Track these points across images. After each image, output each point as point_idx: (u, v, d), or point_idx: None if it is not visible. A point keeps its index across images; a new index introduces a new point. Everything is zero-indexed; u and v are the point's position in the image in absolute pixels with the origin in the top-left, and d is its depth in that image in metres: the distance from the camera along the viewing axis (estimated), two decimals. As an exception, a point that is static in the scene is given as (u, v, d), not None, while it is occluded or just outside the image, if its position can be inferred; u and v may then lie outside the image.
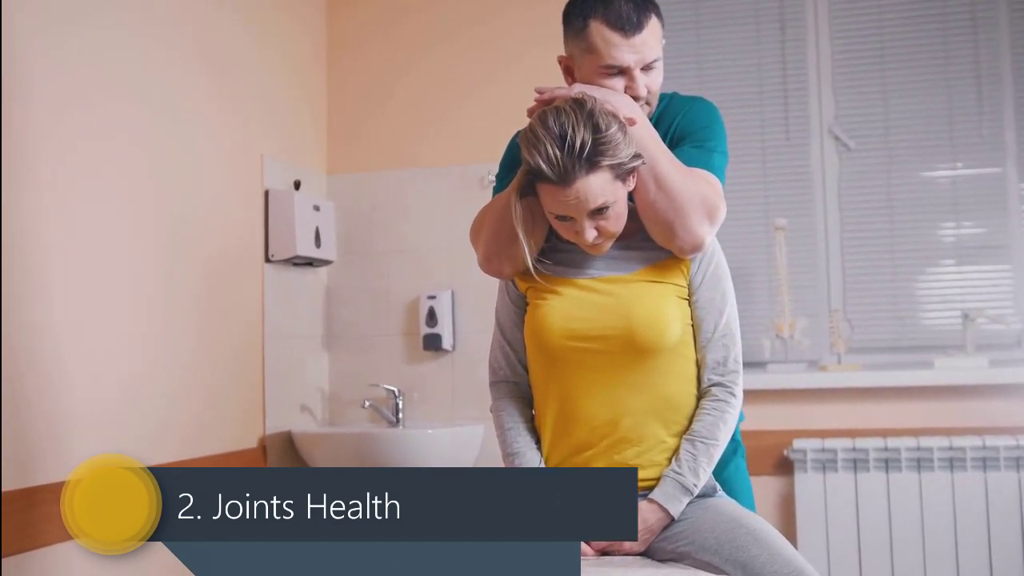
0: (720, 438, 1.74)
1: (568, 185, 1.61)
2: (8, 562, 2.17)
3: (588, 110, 1.61)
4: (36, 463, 2.27)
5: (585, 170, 1.60)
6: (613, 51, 1.73)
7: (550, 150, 1.59)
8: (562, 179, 1.61)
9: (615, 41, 1.73)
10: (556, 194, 1.63)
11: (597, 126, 1.60)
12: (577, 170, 1.60)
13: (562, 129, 1.59)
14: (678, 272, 1.76)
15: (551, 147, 1.59)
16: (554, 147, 1.59)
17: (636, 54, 1.74)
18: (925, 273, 3.28)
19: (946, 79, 3.28)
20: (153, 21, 2.71)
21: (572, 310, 1.73)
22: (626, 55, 1.73)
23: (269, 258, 3.19)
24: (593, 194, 1.61)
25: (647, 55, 1.75)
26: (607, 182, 1.62)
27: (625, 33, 1.73)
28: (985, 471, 2.93)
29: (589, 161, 1.60)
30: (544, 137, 1.60)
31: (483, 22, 3.51)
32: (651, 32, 1.75)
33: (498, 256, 1.81)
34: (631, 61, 1.74)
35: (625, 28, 1.72)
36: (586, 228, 1.66)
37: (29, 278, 2.26)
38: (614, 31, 1.73)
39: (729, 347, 1.77)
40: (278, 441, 3.20)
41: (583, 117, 1.60)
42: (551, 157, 1.59)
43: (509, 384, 1.86)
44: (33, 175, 2.28)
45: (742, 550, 1.58)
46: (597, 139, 1.59)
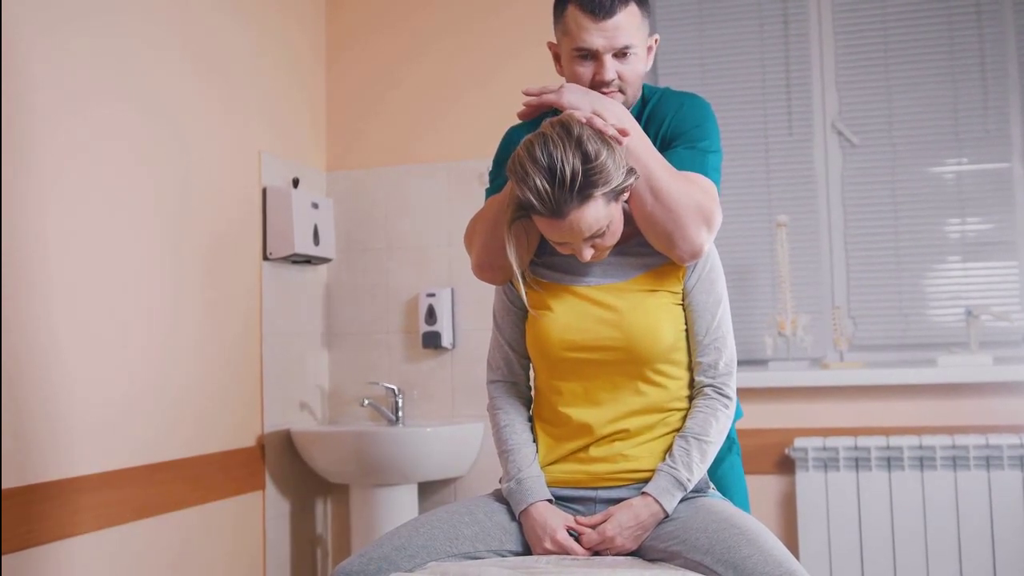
0: (712, 436, 1.74)
1: (562, 218, 1.59)
2: (8, 559, 2.17)
3: (576, 137, 1.57)
4: (36, 460, 2.27)
5: (577, 202, 1.58)
6: (584, 34, 1.77)
7: (540, 184, 1.56)
8: (554, 213, 1.59)
9: (586, 25, 1.77)
10: (550, 225, 1.62)
11: (587, 155, 1.56)
12: (569, 203, 1.57)
13: (551, 160, 1.56)
14: (674, 277, 1.76)
15: (541, 181, 1.56)
16: (544, 181, 1.56)
17: (606, 39, 1.77)
18: (929, 270, 3.25)
19: (951, 73, 3.25)
20: (151, 19, 2.71)
21: (571, 322, 1.74)
22: (595, 39, 1.77)
23: (267, 256, 3.17)
24: (587, 223, 1.60)
25: (618, 40, 1.77)
26: (601, 208, 1.60)
27: (596, 17, 1.76)
28: (988, 470, 2.89)
29: (581, 193, 1.57)
30: (533, 171, 1.57)
31: (480, 20, 3.50)
32: (627, 18, 1.77)
33: (491, 265, 1.83)
34: (599, 45, 1.77)
35: (596, 12, 1.76)
36: (583, 250, 1.65)
37: (29, 277, 2.27)
38: (586, 15, 1.77)
39: (721, 350, 1.77)
40: (277, 440, 3.19)
41: (571, 146, 1.56)
42: (541, 192, 1.56)
43: (506, 384, 1.87)
44: (33, 175, 2.28)
45: (734, 550, 1.56)
46: (588, 169, 1.56)
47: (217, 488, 2.87)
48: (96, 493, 2.42)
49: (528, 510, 1.73)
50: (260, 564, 3.09)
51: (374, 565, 1.65)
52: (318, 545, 3.42)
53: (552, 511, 1.73)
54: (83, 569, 2.38)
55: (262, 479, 3.10)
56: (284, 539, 3.22)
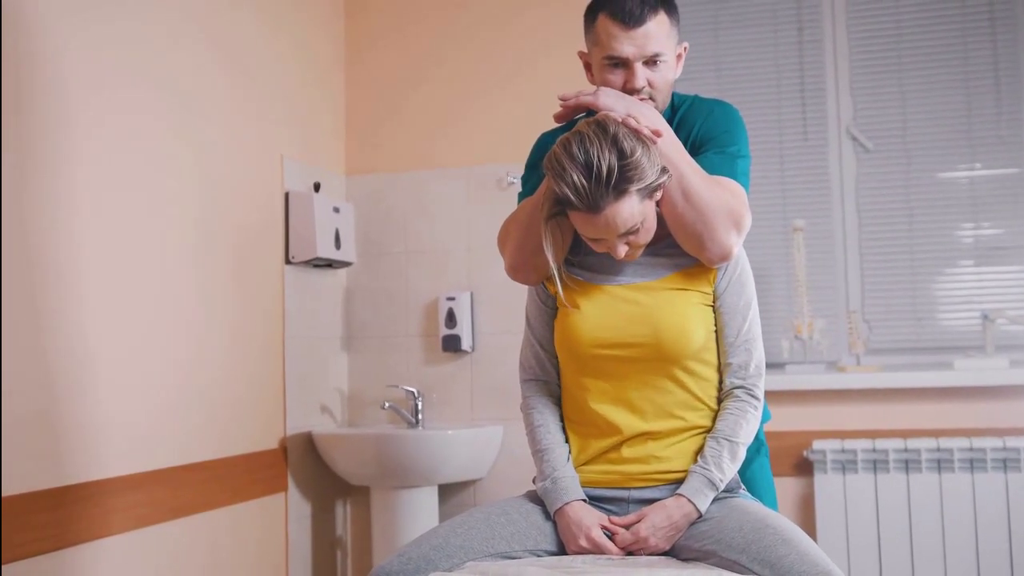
0: (742, 437, 1.76)
1: (597, 213, 1.63)
2: (40, 560, 2.19)
3: (612, 134, 1.62)
4: (69, 462, 2.29)
5: (613, 197, 1.62)
6: (614, 43, 1.80)
7: (577, 179, 1.60)
8: (591, 208, 1.62)
9: (616, 33, 1.80)
10: (586, 220, 1.65)
11: (622, 151, 1.61)
12: (605, 198, 1.61)
13: (587, 157, 1.60)
14: (704, 279, 1.79)
15: (577, 176, 1.60)
16: (580, 176, 1.60)
17: (636, 47, 1.80)
18: (943, 274, 3.27)
19: (964, 80, 3.28)
20: (175, 22, 2.72)
21: (601, 319, 1.76)
22: (626, 47, 1.80)
23: (289, 260, 3.20)
24: (622, 219, 1.63)
25: (648, 48, 1.80)
26: (635, 204, 1.64)
27: (626, 26, 1.79)
28: (1006, 472, 2.92)
29: (617, 188, 1.61)
30: (570, 167, 1.61)
31: (499, 24, 3.52)
32: (656, 26, 1.81)
33: (524, 266, 1.86)
34: (630, 53, 1.80)
35: (626, 21, 1.79)
36: (617, 246, 1.68)
37: (65, 282, 2.30)
38: (616, 23, 1.80)
39: (751, 351, 1.79)
40: (299, 442, 3.21)
41: (607, 143, 1.61)
42: (578, 187, 1.60)
43: (539, 383, 1.90)
44: (65, 181, 2.30)
45: (770, 549, 1.59)
46: (623, 165, 1.60)
47: (243, 490, 2.90)
48: (128, 494, 2.44)
49: (563, 509, 1.75)
50: (283, 565, 3.11)
51: (413, 564, 1.67)
52: (338, 547, 3.45)
53: (587, 510, 1.75)
54: (115, 570, 2.40)
55: (285, 481, 3.13)
56: (306, 540, 3.24)
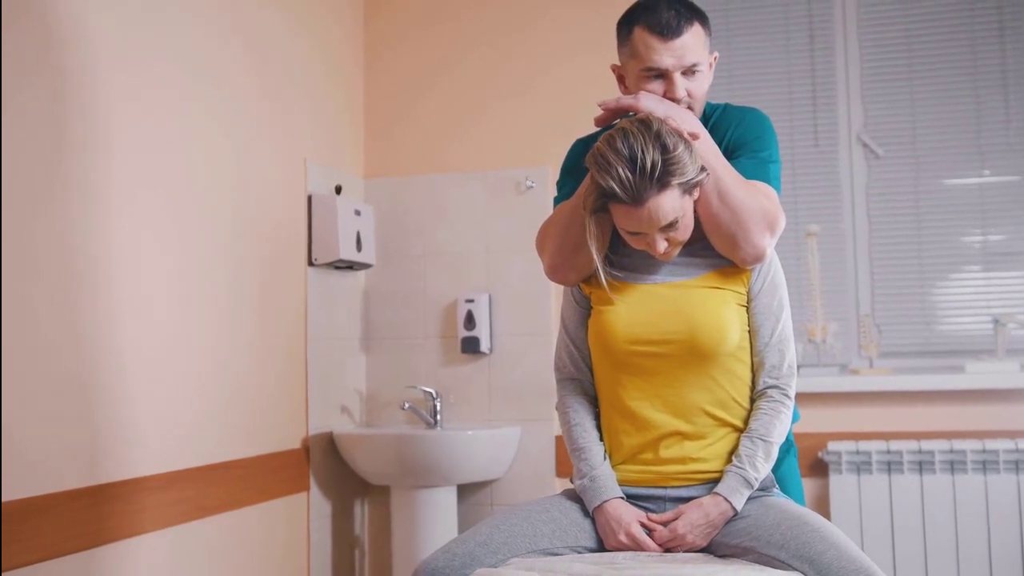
0: (775, 436, 1.80)
1: (640, 205, 1.68)
2: (77, 558, 2.22)
3: (655, 131, 1.67)
4: (105, 461, 2.32)
5: (656, 189, 1.67)
6: (653, 55, 1.83)
7: (622, 172, 1.66)
8: (635, 200, 1.67)
9: (655, 45, 1.82)
10: (629, 213, 1.70)
11: (665, 146, 1.66)
12: (648, 190, 1.66)
13: (632, 151, 1.66)
14: (739, 280, 1.83)
15: (623, 169, 1.66)
16: (625, 169, 1.66)
17: (675, 58, 1.83)
18: (952, 279, 3.32)
19: (974, 87, 3.34)
20: (205, 23, 2.75)
21: (636, 315, 1.80)
22: (665, 58, 1.82)
23: (312, 262, 3.23)
24: (664, 212, 1.68)
25: (686, 59, 1.83)
26: (676, 198, 1.69)
27: (664, 38, 1.82)
28: (1018, 473, 2.97)
29: (660, 181, 1.66)
30: (615, 160, 1.66)
31: (518, 28, 3.54)
32: (693, 37, 1.84)
33: (564, 266, 1.89)
34: (669, 64, 1.83)
35: (664, 33, 1.82)
36: (657, 241, 1.73)
37: (102, 286, 2.33)
38: (654, 36, 1.82)
39: (784, 352, 1.84)
40: (321, 442, 3.24)
41: (651, 138, 1.66)
42: (623, 179, 1.66)
43: (574, 382, 1.93)
44: (100, 189, 2.33)
45: (809, 546, 1.63)
46: (666, 159, 1.66)
47: (268, 489, 2.92)
48: (160, 493, 2.47)
49: (602, 506, 1.79)
50: (305, 564, 3.14)
51: (458, 561, 1.70)
52: (356, 546, 3.48)
53: (626, 507, 1.79)
54: (147, 566, 2.43)
55: (307, 480, 3.16)
56: (327, 539, 3.27)
